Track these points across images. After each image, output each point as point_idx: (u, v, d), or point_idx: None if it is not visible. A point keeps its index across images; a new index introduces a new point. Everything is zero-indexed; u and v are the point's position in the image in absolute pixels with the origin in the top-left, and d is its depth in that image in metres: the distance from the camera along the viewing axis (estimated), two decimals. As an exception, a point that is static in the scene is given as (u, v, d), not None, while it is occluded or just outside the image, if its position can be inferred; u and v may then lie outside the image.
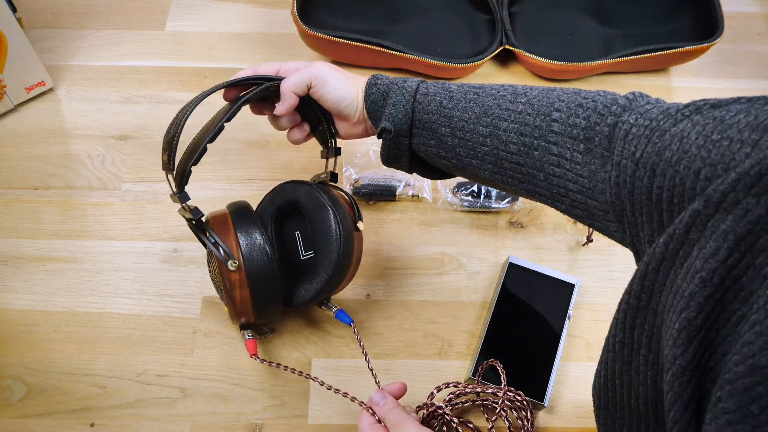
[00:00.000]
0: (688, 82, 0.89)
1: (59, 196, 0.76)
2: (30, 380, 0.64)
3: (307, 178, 0.67)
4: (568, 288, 0.68)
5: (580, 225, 0.75)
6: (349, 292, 0.70)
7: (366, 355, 0.60)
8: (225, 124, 0.57)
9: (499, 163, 0.52)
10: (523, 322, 0.67)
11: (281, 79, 0.60)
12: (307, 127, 0.65)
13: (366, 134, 0.62)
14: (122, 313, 0.68)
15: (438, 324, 0.68)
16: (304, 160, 0.80)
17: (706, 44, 0.83)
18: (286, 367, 0.59)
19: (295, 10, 0.81)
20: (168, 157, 0.55)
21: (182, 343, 0.66)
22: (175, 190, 0.55)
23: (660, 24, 0.91)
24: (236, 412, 0.63)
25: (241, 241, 0.56)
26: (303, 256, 0.63)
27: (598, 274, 0.72)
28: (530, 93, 0.52)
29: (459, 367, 0.66)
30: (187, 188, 0.55)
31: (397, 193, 0.76)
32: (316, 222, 0.60)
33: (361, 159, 0.78)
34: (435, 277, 0.71)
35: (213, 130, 0.56)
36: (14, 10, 0.84)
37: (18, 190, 0.76)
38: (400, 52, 0.82)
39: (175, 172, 0.55)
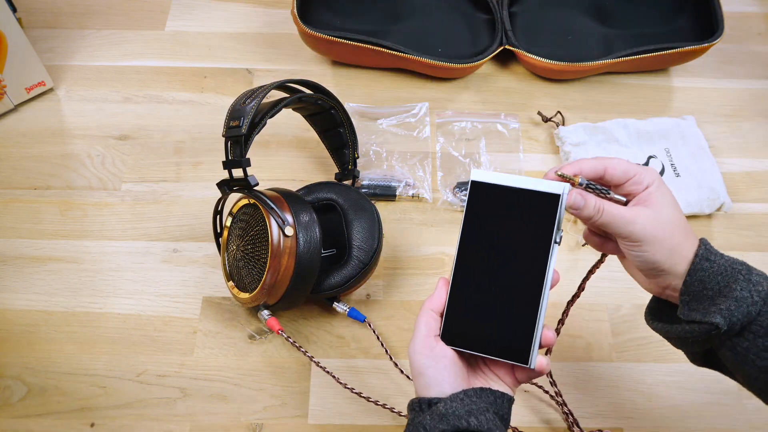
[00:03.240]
0: (688, 82, 0.89)
1: (59, 196, 0.76)
2: (30, 380, 0.64)
3: (308, 178, 0.67)
4: (550, 201, 0.49)
5: (580, 224, 0.75)
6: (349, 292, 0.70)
7: (383, 345, 0.63)
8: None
9: None
10: (498, 258, 0.51)
11: (321, 93, 0.65)
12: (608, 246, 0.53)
13: (658, 293, 0.51)
14: (122, 313, 0.68)
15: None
16: (304, 160, 0.80)
17: (706, 44, 0.83)
18: (309, 356, 0.60)
19: (295, 10, 0.81)
20: (240, 123, 0.58)
21: (182, 343, 0.66)
22: (240, 155, 0.58)
23: (660, 24, 0.91)
24: (236, 412, 0.63)
25: (296, 214, 0.60)
26: (322, 253, 0.63)
27: (599, 274, 0.72)
28: None
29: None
30: (187, 188, 0.55)
31: (397, 193, 0.76)
32: (357, 214, 0.65)
33: (361, 159, 0.78)
34: (435, 277, 0.71)
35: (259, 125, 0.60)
36: (14, 10, 0.84)
37: (18, 190, 0.76)
38: (400, 52, 0.82)
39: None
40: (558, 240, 0.49)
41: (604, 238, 0.52)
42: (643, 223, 0.46)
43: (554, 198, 0.49)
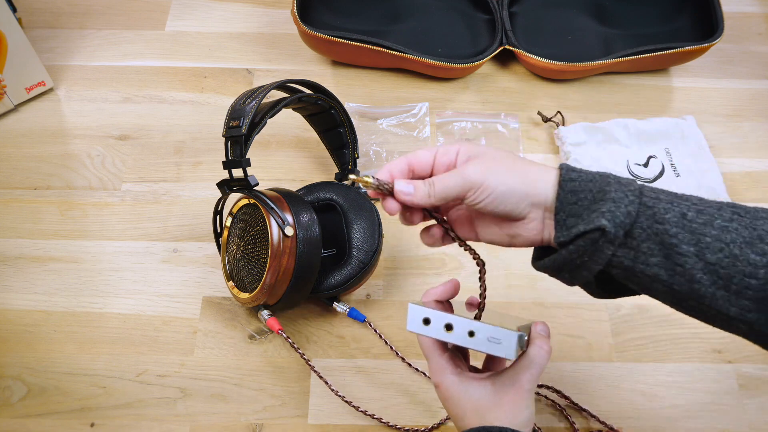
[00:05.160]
0: (688, 82, 0.89)
1: (59, 196, 0.76)
2: (30, 380, 0.64)
3: (308, 178, 0.67)
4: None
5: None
6: (349, 292, 0.70)
7: (387, 342, 0.63)
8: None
9: None
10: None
11: (323, 95, 0.64)
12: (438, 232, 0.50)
13: (532, 241, 0.47)
14: (122, 313, 0.68)
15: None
16: (304, 160, 0.80)
17: (706, 44, 0.83)
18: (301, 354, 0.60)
19: (295, 10, 0.81)
20: (240, 123, 0.58)
21: (182, 343, 0.66)
22: (240, 155, 0.58)
23: (660, 24, 0.91)
24: (236, 412, 0.63)
25: (296, 214, 0.60)
26: (322, 253, 0.63)
27: (598, 274, 0.72)
28: None
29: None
30: (187, 188, 0.56)
31: (397, 193, 0.76)
32: (357, 214, 0.65)
33: (361, 159, 0.78)
34: (435, 277, 0.71)
35: (260, 125, 0.60)
36: (14, 10, 0.84)
37: (18, 190, 0.76)
38: (400, 52, 0.82)
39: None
40: None
41: (443, 233, 0.49)
42: (473, 166, 0.45)
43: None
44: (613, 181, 0.44)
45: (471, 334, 0.45)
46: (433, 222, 0.49)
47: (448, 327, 0.45)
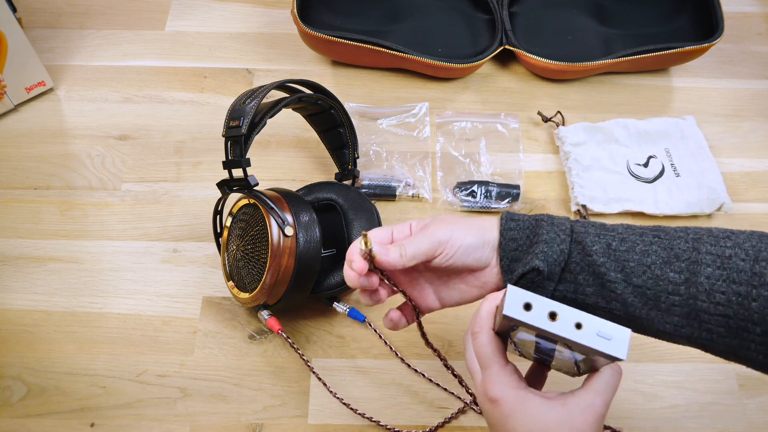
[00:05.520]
0: (688, 82, 0.89)
1: (59, 196, 0.76)
2: (30, 380, 0.64)
3: (308, 178, 0.67)
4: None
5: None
6: (349, 292, 0.70)
7: (387, 342, 0.63)
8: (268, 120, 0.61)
9: (694, 315, 0.44)
10: None
11: (325, 97, 0.65)
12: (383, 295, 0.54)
13: (486, 289, 0.51)
14: (122, 313, 0.68)
15: (438, 324, 0.68)
16: (304, 160, 0.80)
17: (706, 44, 0.83)
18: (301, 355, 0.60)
19: (295, 10, 0.81)
20: (240, 123, 0.58)
21: (182, 343, 0.66)
22: (240, 155, 0.58)
23: (660, 24, 0.91)
24: (236, 412, 0.63)
25: (296, 214, 0.60)
26: (322, 253, 0.63)
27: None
28: (735, 237, 0.44)
29: (460, 367, 0.66)
30: (187, 188, 0.56)
31: (397, 193, 0.76)
32: (357, 214, 0.65)
33: (361, 159, 0.78)
34: (435, 277, 0.71)
35: (260, 125, 0.60)
36: (14, 10, 0.84)
37: (18, 190, 0.76)
38: (400, 52, 0.82)
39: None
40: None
41: (399, 314, 0.54)
42: (436, 227, 0.49)
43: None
44: (545, 224, 0.48)
45: (578, 326, 0.39)
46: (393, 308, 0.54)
47: (552, 316, 0.39)
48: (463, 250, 0.48)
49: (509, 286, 0.40)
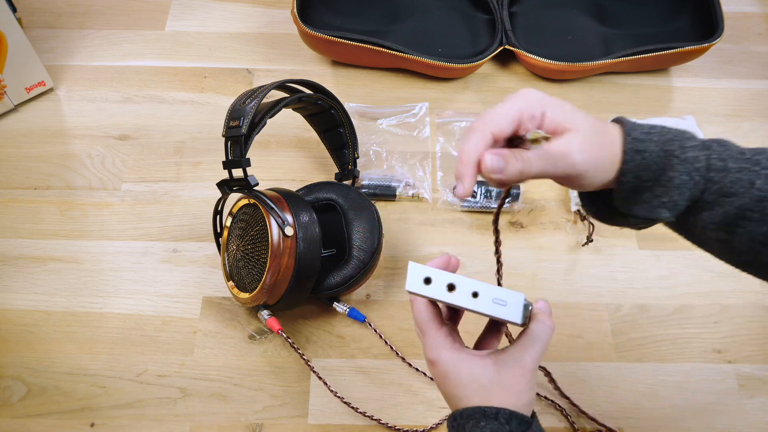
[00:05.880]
0: (688, 82, 0.89)
1: (59, 196, 0.76)
2: (30, 380, 0.64)
3: (308, 178, 0.67)
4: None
5: (580, 225, 0.75)
6: (349, 292, 0.70)
7: (387, 342, 0.62)
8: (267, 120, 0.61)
9: None
10: None
11: (323, 94, 0.65)
12: None
13: (599, 188, 0.45)
14: (122, 313, 0.68)
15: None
16: (304, 160, 0.80)
17: (706, 44, 0.83)
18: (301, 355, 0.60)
19: (295, 10, 0.81)
20: (240, 123, 0.58)
21: (182, 343, 0.66)
22: (240, 155, 0.58)
23: (660, 24, 0.91)
24: (236, 412, 0.63)
25: (296, 214, 0.60)
26: (322, 253, 0.63)
27: (598, 274, 0.72)
28: None
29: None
30: (187, 188, 0.55)
31: (397, 193, 0.76)
32: (357, 214, 0.65)
33: (361, 159, 0.78)
34: (435, 277, 0.71)
35: (260, 125, 0.60)
36: (14, 10, 0.85)
37: (18, 190, 0.76)
38: (400, 52, 0.82)
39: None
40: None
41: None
42: (579, 153, 0.41)
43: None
44: (677, 162, 0.42)
45: (475, 295, 0.42)
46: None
47: (451, 287, 0.42)
48: (591, 183, 0.43)
49: (410, 262, 0.43)
